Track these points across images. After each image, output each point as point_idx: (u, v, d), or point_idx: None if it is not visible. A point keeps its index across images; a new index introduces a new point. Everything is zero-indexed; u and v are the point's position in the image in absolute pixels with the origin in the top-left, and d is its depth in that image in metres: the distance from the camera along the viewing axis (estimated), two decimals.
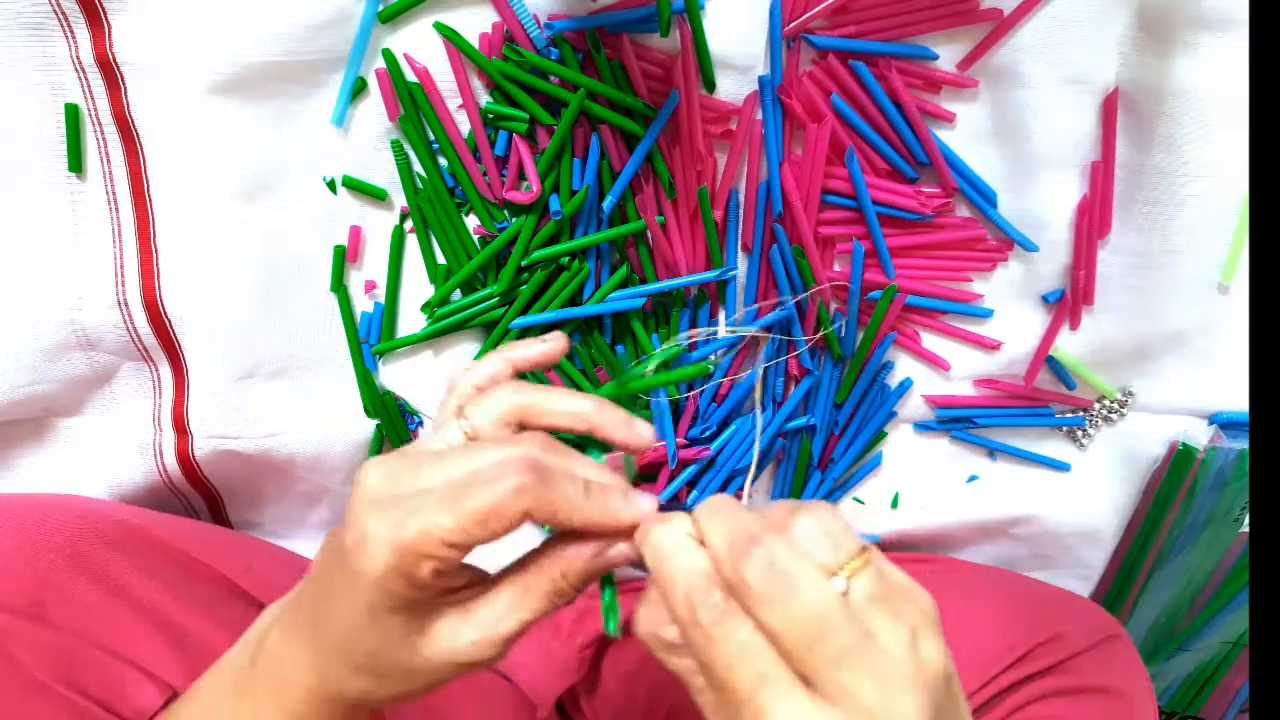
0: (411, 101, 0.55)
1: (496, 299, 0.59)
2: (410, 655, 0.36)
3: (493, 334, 0.60)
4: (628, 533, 0.36)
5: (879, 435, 0.66)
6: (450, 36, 0.53)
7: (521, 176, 0.57)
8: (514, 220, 0.58)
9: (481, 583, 0.38)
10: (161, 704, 0.48)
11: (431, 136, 0.56)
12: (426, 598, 0.35)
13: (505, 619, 0.36)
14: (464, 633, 0.36)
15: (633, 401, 0.41)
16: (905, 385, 0.64)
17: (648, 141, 0.55)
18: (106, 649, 0.49)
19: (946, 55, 0.56)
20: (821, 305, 0.61)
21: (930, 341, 0.63)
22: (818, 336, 0.62)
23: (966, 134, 0.58)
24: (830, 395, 0.64)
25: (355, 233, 0.59)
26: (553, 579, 0.36)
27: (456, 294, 0.59)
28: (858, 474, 0.68)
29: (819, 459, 0.66)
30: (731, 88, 0.56)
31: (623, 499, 0.36)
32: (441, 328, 0.59)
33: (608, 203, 0.57)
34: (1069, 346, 0.62)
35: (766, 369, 0.63)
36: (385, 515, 0.34)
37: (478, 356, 0.61)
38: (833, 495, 0.68)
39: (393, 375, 0.63)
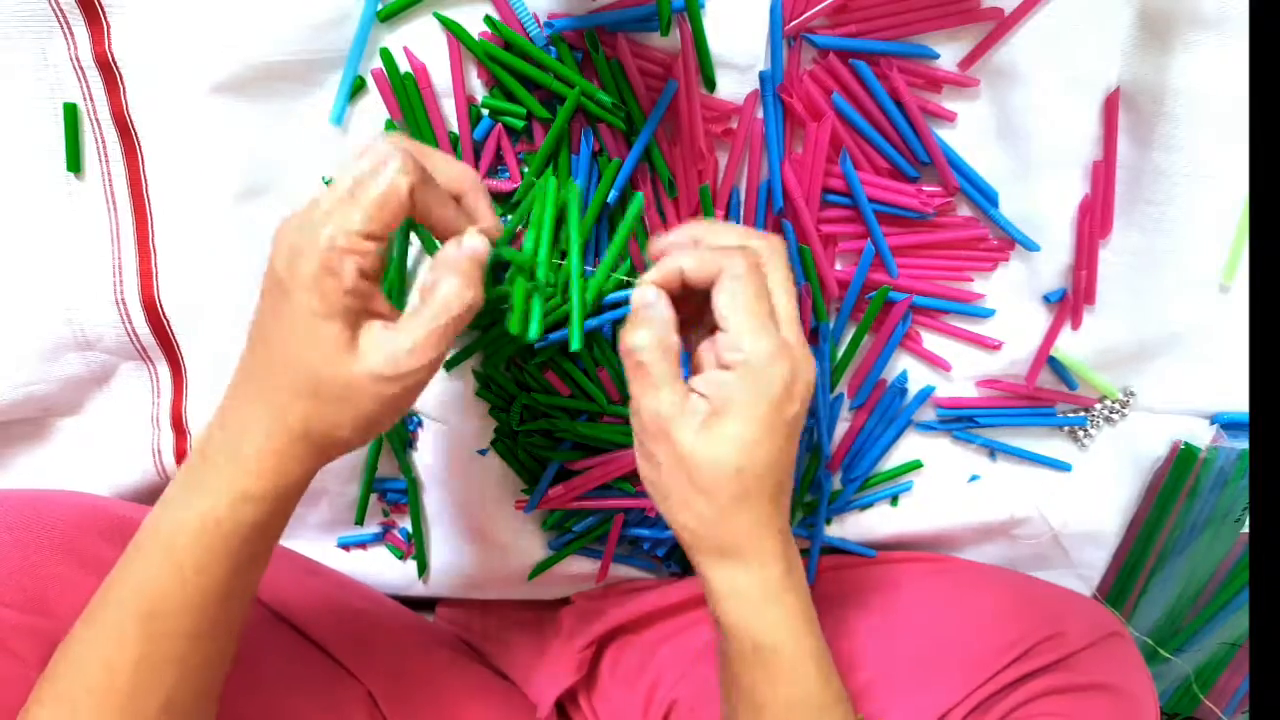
0: (405, 94, 0.55)
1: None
2: (346, 369, 0.40)
3: (484, 336, 0.60)
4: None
5: (895, 441, 0.66)
6: (450, 26, 0.53)
7: (502, 165, 0.57)
8: (510, 218, 0.58)
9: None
10: None
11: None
12: (356, 306, 0.40)
13: (428, 322, 0.41)
14: (397, 340, 0.40)
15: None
16: (926, 392, 0.64)
17: (646, 134, 0.55)
18: None
19: (948, 54, 0.56)
20: (818, 301, 0.61)
21: (931, 341, 0.63)
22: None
23: (968, 133, 0.58)
24: (826, 390, 0.63)
25: None
26: (451, 270, 0.42)
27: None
28: (883, 491, 0.68)
29: (830, 458, 0.66)
30: (732, 87, 0.56)
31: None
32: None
33: (610, 196, 0.57)
34: (1070, 346, 0.62)
35: None
36: (304, 231, 0.39)
37: (462, 357, 0.61)
38: (856, 502, 0.68)
39: None
